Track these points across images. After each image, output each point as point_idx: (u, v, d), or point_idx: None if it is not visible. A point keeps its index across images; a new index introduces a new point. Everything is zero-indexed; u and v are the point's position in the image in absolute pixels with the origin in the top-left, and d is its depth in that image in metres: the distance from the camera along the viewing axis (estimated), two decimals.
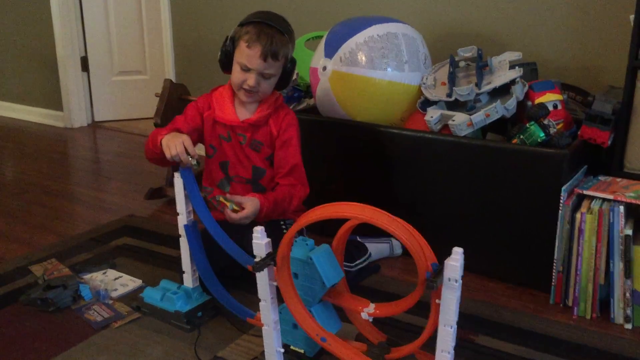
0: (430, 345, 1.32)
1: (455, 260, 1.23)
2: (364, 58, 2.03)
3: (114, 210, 2.51)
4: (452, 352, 1.30)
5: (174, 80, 3.19)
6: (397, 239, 1.24)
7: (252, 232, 1.36)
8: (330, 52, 2.09)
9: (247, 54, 1.73)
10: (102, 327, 1.63)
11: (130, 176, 2.97)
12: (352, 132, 2.08)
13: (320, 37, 2.43)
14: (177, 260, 2.00)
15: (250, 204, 1.71)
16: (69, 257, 2.04)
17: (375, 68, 2.02)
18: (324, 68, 2.10)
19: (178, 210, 1.64)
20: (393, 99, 2.07)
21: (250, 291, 1.72)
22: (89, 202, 2.64)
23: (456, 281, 1.23)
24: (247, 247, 1.54)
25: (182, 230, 1.65)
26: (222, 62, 1.81)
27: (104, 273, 1.91)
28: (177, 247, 2.09)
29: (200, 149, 1.89)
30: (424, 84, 2.06)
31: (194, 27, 3.22)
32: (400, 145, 1.98)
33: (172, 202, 2.57)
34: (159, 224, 2.36)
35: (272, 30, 1.73)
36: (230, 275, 1.70)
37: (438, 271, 1.25)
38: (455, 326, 1.28)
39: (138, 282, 1.87)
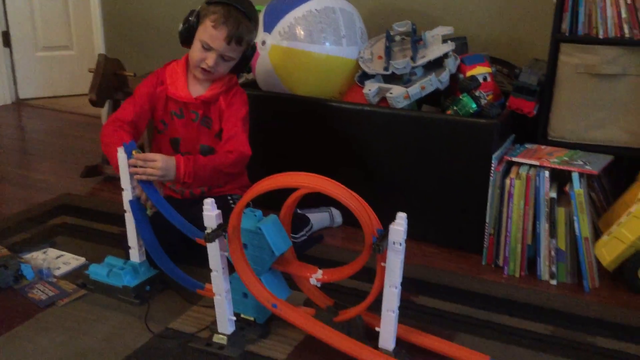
0: (376, 307, 1.40)
1: (400, 224, 1.31)
2: (302, 32, 2.06)
3: (47, 190, 2.45)
4: (397, 311, 1.38)
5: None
6: (345, 206, 1.30)
7: (199, 207, 1.39)
8: (269, 27, 2.11)
9: (211, 34, 1.72)
10: (48, 306, 1.61)
11: (63, 155, 2.89)
12: (294, 106, 2.11)
13: (258, 11, 2.44)
14: (120, 237, 2.00)
15: (161, 157, 1.63)
16: (6, 237, 1.98)
17: (314, 42, 2.05)
18: (263, 42, 2.12)
19: (123, 186, 1.63)
20: (332, 72, 2.11)
21: (197, 265, 1.76)
22: (20, 182, 2.55)
23: (400, 244, 1.31)
24: (195, 222, 1.57)
25: (127, 206, 1.64)
26: (183, 36, 1.80)
27: (44, 252, 1.88)
28: (118, 224, 2.10)
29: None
30: (361, 58, 2.12)
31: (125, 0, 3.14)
32: (340, 117, 2.03)
33: (109, 179, 2.55)
34: (97, 202, 2.32)
35: (241, 15, 1.73)
36: (176, 250, 1.71)
37: (383, 235, 1.32)
38: (400, 287, 1.36)
39: (81, 260, 1.85)
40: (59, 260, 1.84)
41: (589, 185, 1.81)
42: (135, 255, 1.69)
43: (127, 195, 1.64)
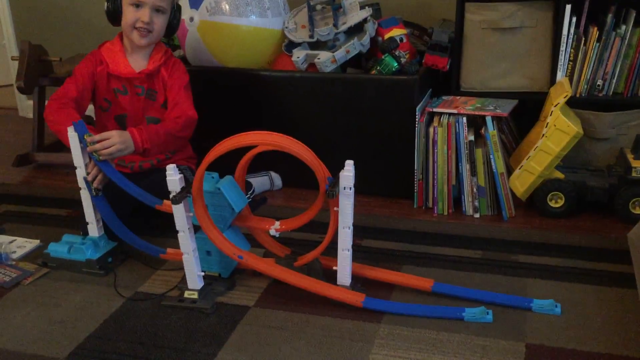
0: (328, 252, 1.56)
1: (349, 170, 1.47)
2: (227, 7, 2.15)
3: None
4: (351, 250, 1.55)
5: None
6: (299, 158, 1.43)
7: (151, 179, 1.47)
8: (195, 3, 2.18)
9: None
10: (13, 286, 1.65)
11: None
12: (227, 79, 2.21)
13: None
14: (70, 218, 2.04)
15: (115, 132, 1.69)
16: None
17: (240, 15, 2.15)
18: (191, 19, 2.19)
19: (75, 164, 1.68)
20: (259, 43, 2.23)
21: (154, 234, 1.85)
22: None
23: (350, 189, 1.47)
24: (149, 192, 1.67)
25: (81, 183, 1.70)
26: (111, 12, 1.85)
27: None
28: (64, 206, 2.14)
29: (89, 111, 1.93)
30: (286, 27, 2.24)
31: None
32: (272, 85, 2.16)
33: (41, 166, 2.55)
34: (36, 189, 2.33)
35: None
36: (129, 222, 1.78)
37: (334, 182, 1.48)
38: (352, 227, 1.53)
39: (35, 242, 1.88)
40: (13, 245, 1.87)
41: (499, 128, 2.05)
42: (94, 230, 1.75)
43: (80, 173, 1.69)
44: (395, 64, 2.07)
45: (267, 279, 1.64)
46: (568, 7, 1.98)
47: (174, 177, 1.47)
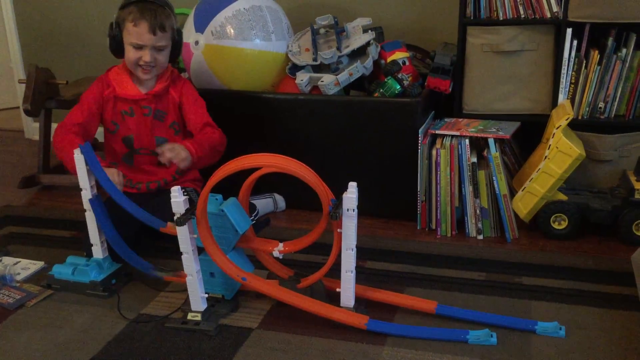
0: (332, 274, 1.56)
1: (352, 192, 1.48)
2: (232, 31, 2.18)
3: None
4: (354, 271, 1.55)
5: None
6: (303, 180, 1.44)
7: (158, 200, 1.49)
8: (200, 27, 2.21)
9: (136, 33, 1.83)
10: (17, 308, 1.66)
11: None
12: (232, 101, 2.23)
13: (183, 14, 2.54)
14: (74, 240, 2.05)
15: (177, 145, 1.83)
16: None
17: (245, 39, 2.18)
18: (197, 42, 2.22)
19: (81, 186, 1.70)
20: (264, 66, 2.25)
21: (157, 256, 1.86)
22: None
23: (354, 210, 1.48)
24: (156, 214, 1.68)
25: (87, 205, 1.71)
26: (113, 49, 1.91)
27: (0, 261, 1.90)
28: (69, 228, 2.15)
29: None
30: (290, 51, 2.27)
31: (37, 7, 3.11)
32: (277, 108, 2.18)
33: (47, 188, 2.57)
34: (40, 210, 2.34)
35: (154, 6, 1.85)
36: (134, 244, 1.79)
37: (337, 204, 1.49)
38: (355, 249, 1.53)
39: (40, 264, 1.89)
40: (17, 267, 1.87)
41: (502, 149, 2.06)
42: (98, 252, 1.76)
43: (86, 195, 1.70)
44: (398, 87, 2.09)
45: (270, 301, 1.64)
46: (569, 31, 2.00)
47: (178, 199, 1.48)
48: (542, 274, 1.78)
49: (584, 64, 2.04)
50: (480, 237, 2.03)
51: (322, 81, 2.13)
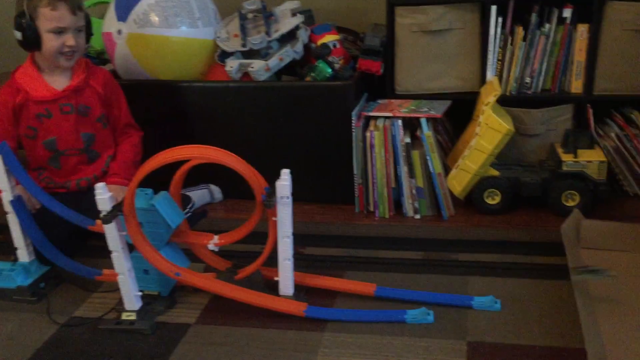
0: (270, 263, 1.54)
1: (285, 180, 1.46)
2: (157, 18, 2.11)
3: None
4: (292, 259, 1.54)
5: None
6: (234, 170, 1.41)
7: (88, 198, 1.44)
8: (122, 16, 2.13)
9: (56, 16, 1.73)
10: None
11: None
12: (159, 91, 2.16)
13: (103, 3, 2.44)
14: None
15: (112, 190, 1.52)
16: None
17: (170, 27, 2.11)
18: (119, 32, 2.14)
19: (1, 187, 1.61)
20: (191, 54, 2.19)
21: (87, 255, 1.79)
22: None
23: (288, 197, 1.46)
24: (86, 213, 1.61)
25: (8, 207, 1.62)
26: (28, 41, 1.77)
27: None
28: None
29: None
30: (218, 37, 2.21)
31: None
32: (207, 96, 2.13)
33: None
34: None
35: None
36: (65, 245, 1.71)
37: (271, 192, 1.47)
38: (292, 237, 1.52)
39: None
40: None
41: (434, 128, 2.07)
42: (24, 255, 1.68)
43: (7, 197, 1.62)
44: (329, 70, 2.07)
45: (208, 295, 1.61)
46: (494, 8, 2.03)
47: (103, 196, 1.42)
48: (477, 249, 1.81)
49: (509, 41, 2.07)
50: (418, 216, 2.05)
51: (252, 67, 2.09)
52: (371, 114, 2.04)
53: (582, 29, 2.03)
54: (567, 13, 2.03)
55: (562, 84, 2.12)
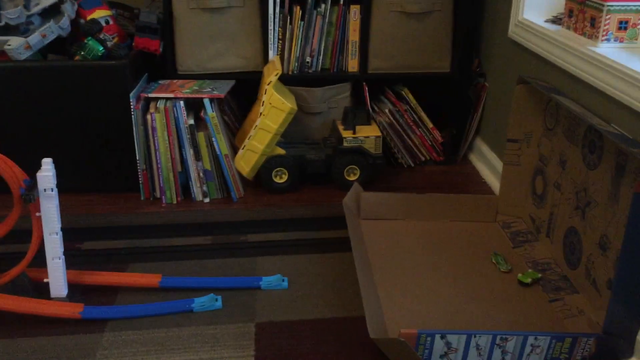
0: (38, 264, 1.39)
1: (47, 170, 1.31)
2: None
3: None
4: (63, 257, 1.39)
5: None
6: None
7: None
8: None
9: None
10: None
11: None
12: None
13: None
14: None
15: None
16: None
17: None
18: None
19: None
20: None
21: None
22: None
23: (52, 190, 1.31)
24: None
25: None
26: None
27: None
28: None
29: None
30: None
31: None
32: None
33: None
34: None
35: None
36: None
37: (32, 185, 1.31)
38: (61, 233, 1.37)
39: None
40: None
41: (220, 109, 2.02)
42: None
43: None
44: (101, 48, 1.90)
45: None
46: None
47: None
48: (266, 229, 1.81)
49: (288, 20, 2.09)
50: (207, 200, 2.00)
51: (9, 45, 1.84)
52: (151, 95, 1.93)
53: (355, 10, 2.12)
54: None
55: (340, 63, 2.20)
